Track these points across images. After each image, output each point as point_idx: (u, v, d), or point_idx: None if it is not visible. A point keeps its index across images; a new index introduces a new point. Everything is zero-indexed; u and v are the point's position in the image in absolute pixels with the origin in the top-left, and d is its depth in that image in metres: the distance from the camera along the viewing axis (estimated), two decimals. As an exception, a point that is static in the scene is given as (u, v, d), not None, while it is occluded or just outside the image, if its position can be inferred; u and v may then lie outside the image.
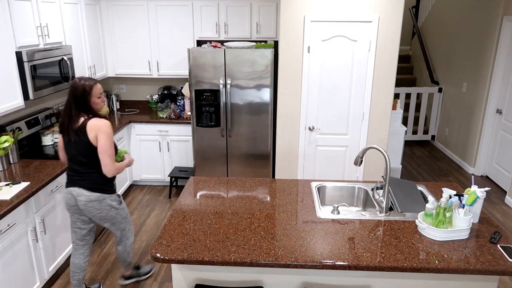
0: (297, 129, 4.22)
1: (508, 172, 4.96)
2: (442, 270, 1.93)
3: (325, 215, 2.42)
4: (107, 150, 2.56)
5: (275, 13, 4.65)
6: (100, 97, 2.63)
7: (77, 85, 2.55)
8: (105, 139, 2.54)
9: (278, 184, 2.90)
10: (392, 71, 3.98)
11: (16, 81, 3.17)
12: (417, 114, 7.07)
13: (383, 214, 2.42)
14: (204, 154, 4.65)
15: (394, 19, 3.84)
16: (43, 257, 3.03)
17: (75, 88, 2.55)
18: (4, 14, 2.99)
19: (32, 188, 2.83)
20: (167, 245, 2.09)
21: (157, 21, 4.76)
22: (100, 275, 3.35)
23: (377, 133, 4.17)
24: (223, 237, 2.17)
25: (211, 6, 4.67)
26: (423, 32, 7.64)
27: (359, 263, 1.96)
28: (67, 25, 3.93)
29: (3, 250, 2.57)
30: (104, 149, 2.55)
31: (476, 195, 2.20)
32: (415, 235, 2.20)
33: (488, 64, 5.28)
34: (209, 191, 2.77)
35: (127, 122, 4.70)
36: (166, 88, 5.30)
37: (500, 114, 5.16)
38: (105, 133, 2.54)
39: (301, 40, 3.95)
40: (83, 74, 4.30)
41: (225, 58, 4.28)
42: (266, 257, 2.00)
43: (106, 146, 2.55)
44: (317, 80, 4.06)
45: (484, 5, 5.41)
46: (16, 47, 3.14)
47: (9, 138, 3.15)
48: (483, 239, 2.16)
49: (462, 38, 6.03)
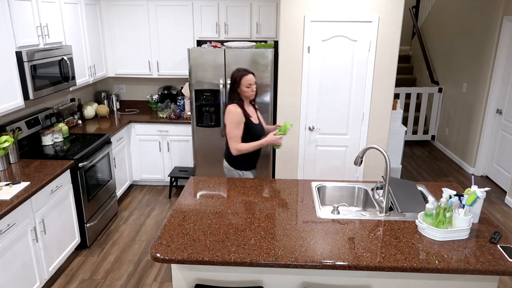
0: (297, 129, 4.22)
1: (508, 172, 4.96)
2: (442, 270, 1.93)
3: (325, 215, 2.42)
4: (228, 132, 2.96)
5: (275, 13, 4.65)
6: (249, 86, 2.93)
7: (232, 75, 2.96)
8: (228, 123, 2.94)
9: (278, 184, 2.90)
10: (392, 71, 3.98)
11: (16, 81, 3.17)
12: (417, 114, 7.07)
13: (383, 214, 2.42)
14: (204, 154, 4.65)
15: (394, 19, 3.83)
16: (43, 257, 3.03)
17: (231, 77, 2.98)
18: (4, 14, 2.99)
19: (32, 188, 2.83)
20: (167, 245, 2.09)
21: (157, 21, 4.76)
22: (100, 275, 3.36)
23: (377, 133, 4.17)
24: (223, 237, 2.17)
25: (211, 6, 4.67)
26: (423, 32, 7.64)
27: (359, 263, 1.96)
28: (67, 25, 3.93)
29: (3, 250, 2.57)
30: (227, 131, 2.97)
31: (476, 195, 2.20)
32: (415, 235, 2.20)
33: (488, 64, 5.28)
34: (209, 191, 2.77)
35: (127, 122, 4.70)
36: (166, 88, 5.29)
37: (500, 114, 5.16)
38: (229, 117, 2.93)
39: (301, 40, 3.95)
40: (83, 74, 4.30)
41: (225, 58, 4.27)
42: (266, 257, 2.00)
43: (228, 129, 2.95)
44: (317, 80, 4.05)
45: (484, 5, 5.40)
46: (16, 47, 3.14)
47: (9, 138, 3.14)
48: (483, 239, 2.16)
49: (462, 38, 6.03)
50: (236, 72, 2.95)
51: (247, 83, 2.92)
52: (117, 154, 4.45)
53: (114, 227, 4.13)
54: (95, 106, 4.97)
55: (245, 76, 2.91)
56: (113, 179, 4.24)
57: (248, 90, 2.94)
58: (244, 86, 2.92)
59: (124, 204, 4.63)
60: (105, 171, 4.03)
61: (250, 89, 2.94)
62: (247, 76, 2.92)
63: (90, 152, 3.70)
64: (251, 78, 2.93)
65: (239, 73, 2.93)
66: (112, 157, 4.21)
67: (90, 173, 3.67)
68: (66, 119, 4.36)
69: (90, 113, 4.83)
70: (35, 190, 2.84)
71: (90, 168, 3.67)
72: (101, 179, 3.92)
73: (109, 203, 4.15)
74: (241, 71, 2.94)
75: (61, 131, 3.91)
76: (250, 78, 2.92)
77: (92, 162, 3.71)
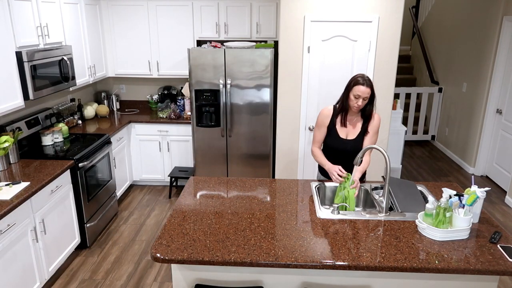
0: (297, 129, 4.22)
1: (508, 172, 4.96)
2: (442, 270, 1.93)
3: (325, 215, 2.42)
4: (314, 130, 2.89)
5: (275, 13, 4.65)
6: (357, 98, 2.61)
7: (351, 77, 2.69)
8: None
9: (278, 184, 2.90)
10: (392, 71, 3.98)
11: (16, 81, 3.17)
12: (417, 114, 7.07)
13: (383, 214, 2.42)
14: (204, 154, 4.65)
15: (394, 19, 3.83)
16: (43, 257, 3.03)
17: (350, 79, 2.71)
18: (4, 14, 2.99)
19: (32, 188, 2.83)
20: (167, 245, 2.09)
21: (157, 21, 4.76)
22: (100, 275, 3.36)
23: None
24: (223, 237, 2.17)
25: (211, 6, 4.67)
26: (423, 32, 7.64)
27: (359, 263, 1.96)
28: (67, 25, 3.93)
29: (3, 250, 2.57)
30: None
31: (476, 195, 2.20)
32: (415, 235, 2.20)
33: (488, 64, 5.28)
34: (209, 191, 2.77)
35: (127, 122, 4.70)
36: (166, 88, 5.29)
37: (500, 114, 5.16)
38: (319, 117, 2.84)
39: (301, 40, 3.95)
40: (83, 74, 4.30)
41: (225, 58, 4.27)
42: (266, 257, 2.00)
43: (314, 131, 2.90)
44: (317, 80, 4.05)
45: (484, 5, 5.40)
46: (16, 47, 3.14)
47: (9, 138, 3.14)
48: (483, 239, 2.16)
49: (462, 38, 6.03)
50: (356, 76, 2.64)
51: (356, 93, 2.60)
52: (117, 154, 4.46)
53: (114, 227, 4.13)
54: (95, 106, 4.97)
55: (358, 85, 2.58)
56: (113, 179, 4.24)
57: (354, 100, 2.62)
58: (352, 94, 2.62)
59: (124, 204, 4.63)
60: (105, 171, 4.03)
61: (356, 101, 2.62)
62: (360, 86, 2.58)
63: (90, 152, 3.70)
64: (363, 90, 2.57)
65: (356, 79, 2.62)
66: (112, 157, 4.21)
67: (90, 173, 3.67)
68: (66, 119, 4.36)
69: (90, 113, 4.83)
70: (35, 190, 2.84)
71: (90, 168, 3.67)
72: (101, 179, 3.92)
73: (109, 203, 4.15)
74: (360, 78, 2.60)
75: (61, 131, 3.91)
76: (361, 90, 2.58)
77: (92, 162, 3.71)
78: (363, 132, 2.76)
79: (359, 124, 2.77)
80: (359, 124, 2.77)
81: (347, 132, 2.78)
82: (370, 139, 2.77)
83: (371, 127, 2.76)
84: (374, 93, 2.66)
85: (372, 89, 2.63)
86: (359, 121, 2.77)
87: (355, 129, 2.77)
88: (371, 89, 2.61)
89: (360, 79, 2.60)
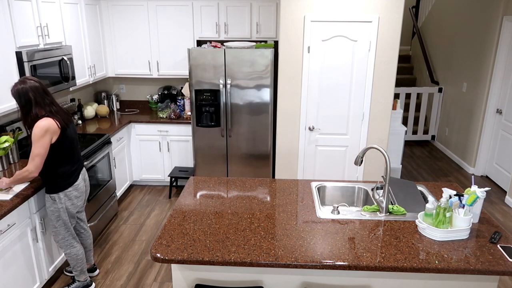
0: (297, 129, 4.22)
1: (508, 172, 4.96)
2: (442, 270, 1.93)
3: (325, 215, 2.42)
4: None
5: (275, 13, 4.65)
6: None
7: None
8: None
9: (278, 184, 2.90)
10: (392, 71, 3.98)
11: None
12: (417, 114, 7.07)
13: (383, 214, 2.42)
14: (204, 154, 4.65)
15: (394, 19, 3.83)
16: (43, 257, 3.03)
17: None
18: (4, 14, 2.99)
19: (32, 188, 2.83)
20: (167, 245, 2.09)
21: (157, 21, 4.76)
22: (100, 274, 3.35)
23: (377, 133, 4.17)
24: (223, 237, 2.17)
25: (211, 6, 4.67)
26: (423, 32, 7.64)
27: (359, 263, 1.96)
28: (67, 25, 3.93)
29: (3, 250, 2.57)
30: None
31: (476, 195, 2.20)
32: (415, 235, 2.20)
33: (488, 64, 5.28)
34: (209, 191, 2.77)
35: (127, 122, 4.70)
36: (166, 88, 5.29)
37: (500, 114, 5.16)
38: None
39: (301, 40, 3.95)
40: (83, 74, 4.30)
41: (225, 58, 4.27)
42: (266, 257, 2.00)
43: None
44: (317, 80, 4.06)
45: (484, 5, 5.40)
46: (16, 47, 3.14)
47: (9, 138, 3.14)
48: (483, 239, 2.16)
49: (462, 38, 6.03)
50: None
51: None
52: (117, 154, 4.45)
53: (114, 227, 4.13)
54: (95, 106, 4.97)
55: None
56: (113, 179, 4.24)
57: None
58: None
59: (124, 204, 4.63)
60: (105, 171, 4.03)
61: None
62: None
63: (90, 152, 3.70)
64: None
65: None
66: (112, 157, 4.21)
67: (90, 173, 3.67)
68: (66, 119, 4.35)
69: (90, 113, 4.83)
70: (35, 190, 2.84)
71: (90, 168, 3.67)
72: (101, 179, 3.92)
73: (109, 203, 4.15)
74: None
75: (61, 131, 3.90)
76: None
77: (92, 162, 3.71)
78: None
79: None
80: None
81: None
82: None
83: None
84: None
85: None
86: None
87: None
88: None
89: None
